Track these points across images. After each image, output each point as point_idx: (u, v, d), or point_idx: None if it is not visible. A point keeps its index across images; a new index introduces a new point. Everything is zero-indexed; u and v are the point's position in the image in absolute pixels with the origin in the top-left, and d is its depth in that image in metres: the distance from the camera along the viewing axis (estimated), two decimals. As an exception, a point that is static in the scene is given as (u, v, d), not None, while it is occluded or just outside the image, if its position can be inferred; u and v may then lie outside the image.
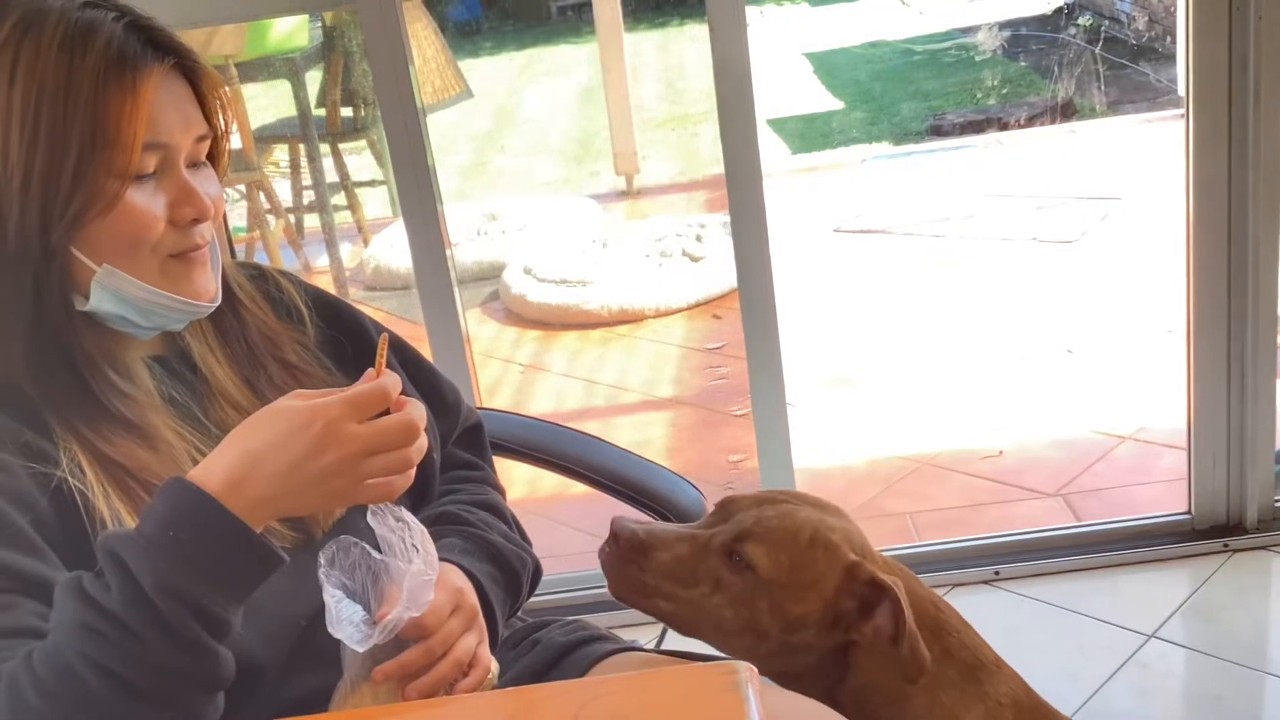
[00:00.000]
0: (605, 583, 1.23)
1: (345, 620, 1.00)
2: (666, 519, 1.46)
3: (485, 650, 1.11)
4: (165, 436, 1.04)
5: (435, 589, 1.04)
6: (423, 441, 0.95)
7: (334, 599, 0.99)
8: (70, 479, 0.97)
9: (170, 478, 0.90)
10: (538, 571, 1.29)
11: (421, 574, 1.01)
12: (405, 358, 1.30)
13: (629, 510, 1.49)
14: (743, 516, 1.19)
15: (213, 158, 1.09)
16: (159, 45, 1.02)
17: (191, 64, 1.05)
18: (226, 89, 1.09)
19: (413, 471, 0.96)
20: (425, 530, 1.04)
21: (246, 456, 0.90)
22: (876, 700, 1.18)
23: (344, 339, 1.25)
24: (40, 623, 0.91)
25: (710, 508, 1.31)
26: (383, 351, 0.98)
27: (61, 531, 0.97)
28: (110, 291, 1.02)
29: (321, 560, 0.99)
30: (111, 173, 0.99)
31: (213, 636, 0.88)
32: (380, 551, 1.01)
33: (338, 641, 1.01)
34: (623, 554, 1.18)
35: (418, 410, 0.95)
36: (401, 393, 0.95)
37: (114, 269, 1.02)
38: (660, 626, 1.57)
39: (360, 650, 1.01)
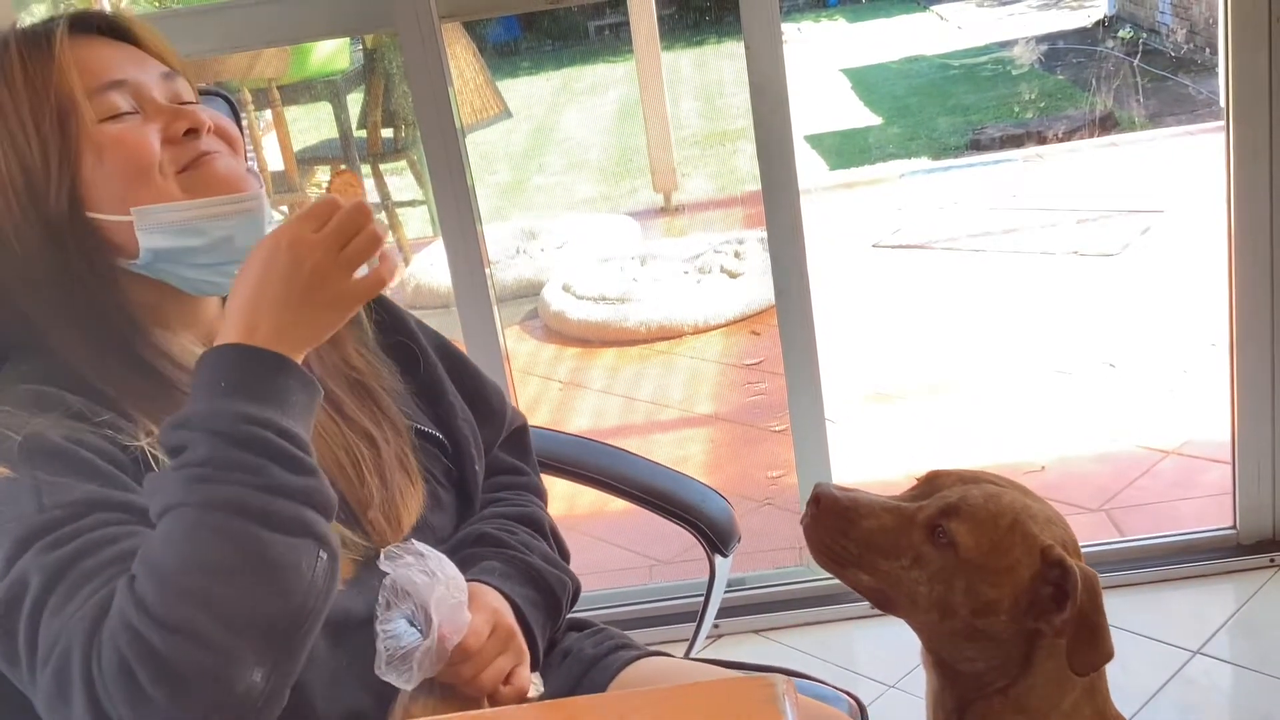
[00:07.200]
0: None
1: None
2: (698, 529, 1.46)
3: (523, 670, 1.12)
4: None
5: (470, 609, 1.06)
6: (374, 220, 0.99)
7: (383, 636, 1.01)
8: (151, 450, 0.99)
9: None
10: (577, 592, 1.29)
11: (448, 598, 1.03)
12: (452, 363, 1.30)
13: (664, 525, 1.50)
14: (948, 492, 1.14)
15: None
16: (75, 17, 1.07)
17: (96, 17, 1.09)
18: (148, 27, 1.12)
19: (396, 254, 1.01)
20: (443, 556, 1.06)
21: (244, 302, 0.95)
22: None
23: (406, 343, 1.26)
24: None
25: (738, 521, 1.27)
26: (343, 188, 1.03)
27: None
28: (154, 230, 1.03)
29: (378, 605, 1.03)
30: (82, 122, 1.02)
31: (301, 451, 0.91)
32: (407, 593, 1.03)
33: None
34: (824, 520, 1.13)
35: (363, 206, 0.99)
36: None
37: (143, 207, 1.03)
38: (688, 638, 1.59)
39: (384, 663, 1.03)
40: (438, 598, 1.02)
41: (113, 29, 1.09)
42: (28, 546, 0.91)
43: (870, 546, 1.13)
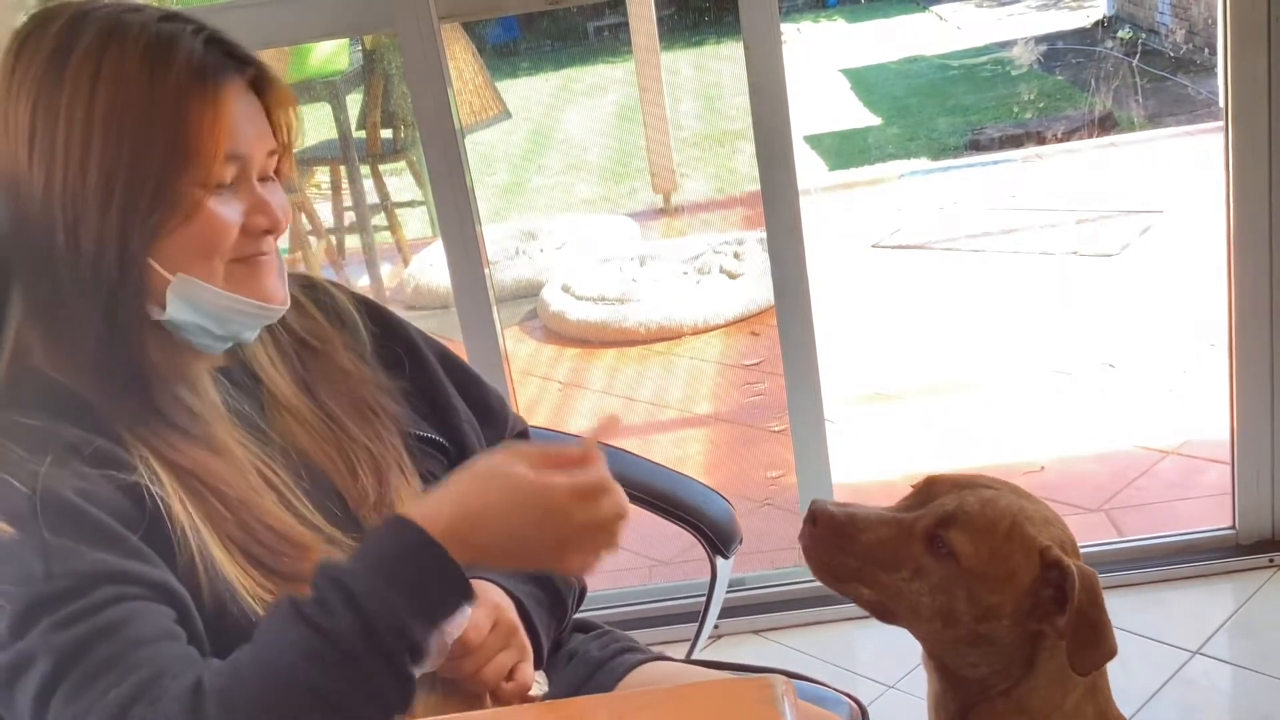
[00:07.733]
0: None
1: None
2: (699, 531, 1.46)
3: (525, 668, 1.12)
4: (230, 446, 1.05)
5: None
6: (626, 522, 1.00)
7: None
8: (150, 485, 0.97)
9: (396, 515, 0.95)
10: (583, 593, 1.30)
11: None
12: (453, 370, 1.31)
13: (664, 525, 1.50)
14: (945, 500, 1.14)
15: (277, 170, 1.10)
16: (236, 58, 1.04)
17: (265, 77, 1.07)
18: (295, 103, 1.11)
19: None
20: None
21: (472, 513, 0.95)
22: None
23: (401, 352, 1.26)
24: (175, 626, 0.93)
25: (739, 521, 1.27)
26: (602, 438, 1.04)
27: (150, 538, 0.96)
28: (186, 300, 1.03)
29: None
30: (194, 182, 1.00)
31: (415, 669, 0.92)
32: None
33: None
34: (822, 536, 1.14)
35: (625, 499, 1.00)
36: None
37: (188, 277, 1.02)
38: (688, 639, 1.59)
39: None
40: None
41: (256, 84, 1.06)
42: (34, 621, 0.89)
43: (870, 560, 1.13)
